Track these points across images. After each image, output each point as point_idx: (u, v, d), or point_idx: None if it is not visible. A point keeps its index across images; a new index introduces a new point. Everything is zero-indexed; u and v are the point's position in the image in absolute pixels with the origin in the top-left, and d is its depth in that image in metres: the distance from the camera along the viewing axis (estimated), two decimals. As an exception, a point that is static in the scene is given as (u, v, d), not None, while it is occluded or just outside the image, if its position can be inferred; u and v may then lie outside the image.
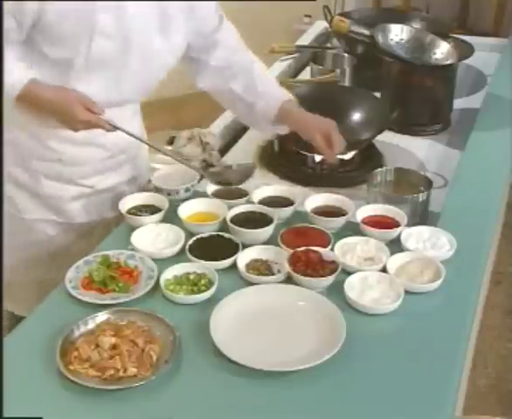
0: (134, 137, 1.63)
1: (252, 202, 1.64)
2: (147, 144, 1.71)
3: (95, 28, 1.49)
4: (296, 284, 1.40)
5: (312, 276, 1.40)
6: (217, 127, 2.10)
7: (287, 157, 1.93)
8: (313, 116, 1.68)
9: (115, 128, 1.58)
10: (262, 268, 1.45)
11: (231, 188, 1.69)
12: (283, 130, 1.76)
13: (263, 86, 1.74)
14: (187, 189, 1.69)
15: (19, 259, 1.76)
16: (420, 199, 1.64)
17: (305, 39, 2.86)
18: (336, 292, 1.38)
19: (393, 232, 1.55)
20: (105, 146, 1.70)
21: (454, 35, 2.50)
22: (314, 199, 1.65)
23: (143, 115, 1.85)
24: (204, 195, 1.65)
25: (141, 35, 1.57)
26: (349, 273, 1.42)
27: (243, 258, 1.46)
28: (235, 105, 1.79)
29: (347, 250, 1.49)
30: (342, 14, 2.66)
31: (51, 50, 1.51)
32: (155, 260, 1.45)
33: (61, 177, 1.70)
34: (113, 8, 1.50)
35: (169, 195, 1.67)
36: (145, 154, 1.84)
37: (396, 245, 1.52)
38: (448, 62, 2.20)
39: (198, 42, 1.71)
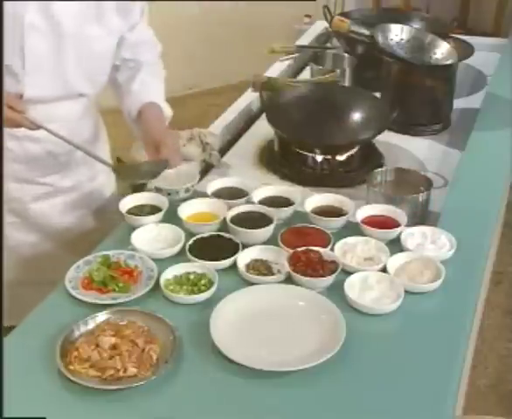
0: (59, 137, 1.57)
1: (252, 202, 1.64)
2: (74, 146, 1.60)
3: (24, 26, 1.48)
4: (296, 284, 1.40)
5: (312, 276, 1.40)
6: (217, 127, 2.09)
7: (286, 157, 1.93)
8: (159, 129, 1.65)
9: (38, 127, 1.54)
10: (262, 268, 1.45)
11: (231, 188, 1.69)
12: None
13: (138, 85, 1.73)
14: (187, 189, 1.69)
15: None
16: (420, 199, 1.64)
17: (305, 39, 2.85)
18: (336, 292, 1.38)
19: (393, 232, 1.55)
20: (40, 140, 1.65)
21: (454, 35, 2.50)
22: (314, 199, 1.65)
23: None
24: (204, 195, 1.65)
25: (73, 26, 1.56)
26: (349, 273, 1.42)
27: (243, 258, 1.46)
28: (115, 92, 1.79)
29: (347, 250, 1.49)
30: (342, 14, 2.66)
31: None
32: (155, 260, 1.45)
33: (19, 177, 1.68)
34: (37, 5, 1.49)
35: (169, 195, 1.67)
36: (103, 152, 1.80)
37: (396, 245, 1.52)
38: (448, 62, 2.19)
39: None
